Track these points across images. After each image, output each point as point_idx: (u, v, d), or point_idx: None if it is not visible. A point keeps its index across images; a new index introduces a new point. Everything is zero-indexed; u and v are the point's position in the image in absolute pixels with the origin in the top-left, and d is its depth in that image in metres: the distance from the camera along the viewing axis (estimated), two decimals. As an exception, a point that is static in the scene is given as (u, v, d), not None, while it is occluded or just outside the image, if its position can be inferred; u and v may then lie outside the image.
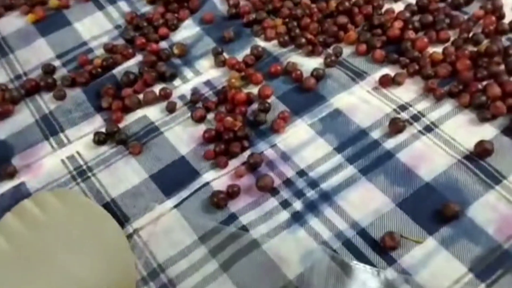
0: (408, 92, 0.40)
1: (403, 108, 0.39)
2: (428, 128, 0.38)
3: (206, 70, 0.45)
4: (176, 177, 0.37)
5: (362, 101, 0.40)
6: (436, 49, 0.43)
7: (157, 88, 0.43)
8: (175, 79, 0.44)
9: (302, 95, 0.41)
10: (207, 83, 0.44)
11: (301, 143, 0.38)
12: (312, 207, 0.34)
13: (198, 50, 0.46)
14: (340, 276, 0.30)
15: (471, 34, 0.44)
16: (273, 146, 0.38)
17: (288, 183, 0.36)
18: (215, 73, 0.44)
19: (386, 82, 0.41)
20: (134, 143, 0.39)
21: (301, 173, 0.36)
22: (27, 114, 0.43)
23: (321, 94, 0.41)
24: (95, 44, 0.49)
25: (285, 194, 0.35)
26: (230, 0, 0.50)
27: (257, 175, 0.36)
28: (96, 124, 0.42)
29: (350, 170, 0.36)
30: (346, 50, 0.44)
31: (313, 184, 0.36)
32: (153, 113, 0.42)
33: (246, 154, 0.38)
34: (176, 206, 0.35)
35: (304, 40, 0.45)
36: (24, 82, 0.45)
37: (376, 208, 0.34)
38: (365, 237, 0.33)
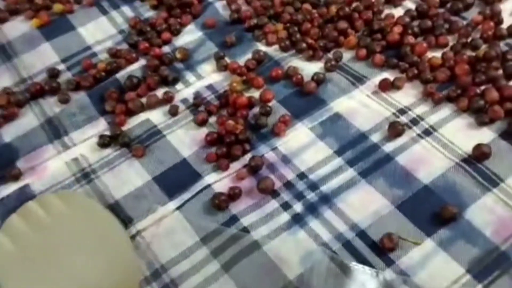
0: (407, 96, 0.41)
1: (402, 112, 0.40)
2: (427, 132, 0.38)
3: (208, 74, 0.45)
4: (178, 179, 0.38)
5: (362, 105, 0.41)
6: (435, 54, 0.43)
7: (160, 92, 0.44)
8: (177, 83, 0.45)
9: (302, 99, 0.42)
10: (209, 87, 0.44)
11: (301, 146, 0.39)
12: (312, 209, 0.35)
13: (200, 55, 0.47)
14: (339, 277, 0.31)
15: (469, 39, 0.44)
16: (274, 149, 0.39)
17: (288, 185, 0.36)
18: (217, 77, 0.45)
19: (385, 86, 0.41)
20: (137, 146, 0.40)
21: (301, 175, 0.37)
22: (32, 117, 0.44)
23: (321, 98, 0.42)
24: (99, 48, 0.49)
25: (286, 196, 0.36)
26: (232, 6, 0.51)
27: (258, 178, 0.37)
28: (100, 127, 0.42)
29: (350, 173, 0.37)
30: (346, 55, 0.45)
31: (313, 186, 0.36)
32: (156, 117, 0.42)
33: (248, 157, 0.38)
34: (178, 208, 0.36)
35: (304, 45, 0.45)
36: (29, 85, 0.46)
37: (376, 210, 0.34)
38: (364, 238, 0.33)
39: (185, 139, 0.40)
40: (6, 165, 0.40)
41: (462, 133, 0.38)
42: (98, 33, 0.51)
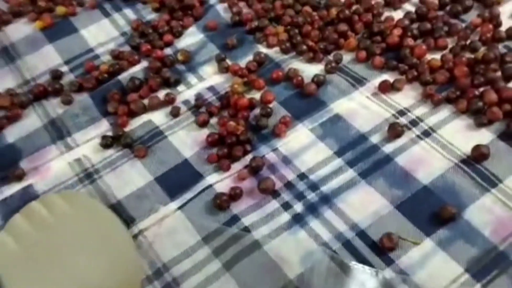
0: (406, 98, 0.41)
1: (402, 113, 0.40)
2: (426, 133, 0.39)
3: (209, 76, 0.46)
4: (180, 179, 0.38)
5: (362, 107, 0.41)
6: (434, 56, 0.44)
7: (161, 93, 0.44)
8: (179, 85, 0.45)
9: (303, 101, 0.42)
10: (211, 88, 0.45)
11: (302, 147, 0.39)
12: (312, 209, 0.35)
13: (201, 57, 0.48)
14: (339, 276, 0.31)
15: (468, 41, 0.44)
16: (274, 150, 0.39)
17: (289, 185, 0.37)
18: (218, 79, 0.45)
19: (385, 88, 0.42)
20: (139, 146, 0.40)
21: (302, 176, 0.37)
22: (35, 118, 0.44)
23: (321, 100, 0.42)
24: (101, 50, 0.50)
25: (286, 196, 0.36)
26: (233, 8, 0.51)
27: (259, 178, 0.37)
28: (102, 128, 0.43)
29: (350, 174, 0.37)
30: (346, 57, 0.45)
31: (314, 187, 0.37)
32: (157, 118, 0.43)
33: (248, 157, 0.39)
34: (180, 207, 0.36)
35: (305, 47, 0.46)
36: (32, 87, 0.46)
37: (375, 210, 0.35)
38: (364, 238, 0.33)
39: (186, 140, 0.41)
40: (9, 165, 0.40)
41: (461, 134, 0.38)
42: (100, 35, 0.51)
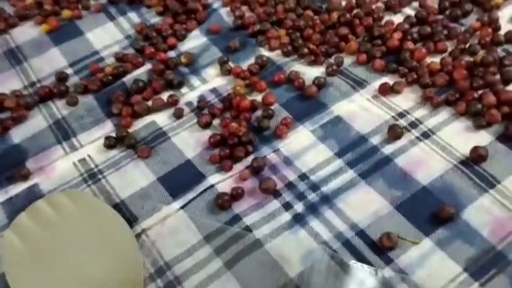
0: (406, 100, 0.42)
1: (402, 115, 0.41)
2: (426, 135, 0.39)
3: (212, 78, 0.47)
4: (182, 179, 0.39)
5: (362, 109, 0.42)
6: (434, 59, 0.44)
7: (165, 95, 0.45)
8: (182, 87, 0.46)
9: (304, 103, 0.43)
10: (213, 90, 0.45)
11: (303, 148, 0.40)
12: (313, 209, 0.36)
13: (204, 59, 0.48)
14: (339, 275, 0.32)
15: (468, 45, 0.45)
16: (276, 150, 0.40)
17: (290, 186, 0.37)
18: (221, 81, 0.46)
19: (385, 90, 0.42)
20: (142, 147, 0.41)
21: (302, 176, 0.38)
22: (40, 119, 0.45)
23: (322, 102, 0.43)
24: (106, 53, 0.50)
25: (287, 196, 0.37)
26: (236, 12, 0.52)
27: (261, 178, 0.38)
28: (106, 129, 0.43)
29: (350, 174, 0.37)
30: (347, 60, 0.46)
31: (314, 187, 0.37)
32: (161, 119, 0.43)
33: (250, 158, 0.39)
34: (183, 207, 0.37)
35: (306, 50, 0.47)
36: (38, 89, 0.47)
37: (375, 210, 0.35)
38: (364, 238, 0.34)
39: (189, 141, 0.41)
40: (15, 165, 0.41)
41: (460, 136, 0.39)
42: (105, 38, 0.52)
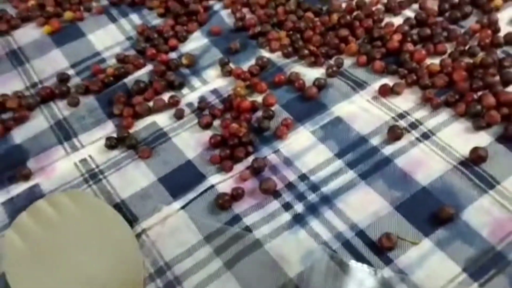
0: (406, 101, 0.42)
1: (402, 116, 0.41)
2: (425, 136, 0.39)
3: (213, 79, 0.47)
4: (183, 180, 0.39)
5: (362, 110, 0.42)
6: (433, 61, 0.44)
7: (166, 96, 0.45)
8: (183, 88, 0.46)
9: (304, 104, 0.43)
10: (214, 91, 0.45)
11: (303, 149, 0.40)
12: (313, 209, 0.36)
13: (205, 61, 0.48)
14: (338, 275, 0.32)
15: (467, 46, 0.45)
16: (276, 151, 0.40)
17: (290, 186, 0.38)
18: (221, 82, 0.46)
19: (385, 91, 0.43)
20: (143, 147, 0.41)
21: (302, 177, 0.38)
22: (42, 120, 0.45)
23: (322, 103, 0.43)
24: (107, 54, 0.51)
25: (287, 197, 0.37)
26: (236, 14, 0.52)
27: (261, 179, 0.38)
28: (107, 129, 0.44)
29: (350, 175, 0.38)
30: (347, 61, 0.46)
31: (314, 187, 0.37)
32: (162, 120, 0.44)
33: (250, 158, 0.39)
34: (183, 207, 0.37)
35: (307, 51, 0.47)
36: (40, 89, 0.47)
37: (375, 211, 0.35)
38: (363, 238, 0.34)
39: (190, 142, 0.42)
40: (17, 165, 0.41)
41: (460, 137, 0.39)
42: (107, 39, 0.52)
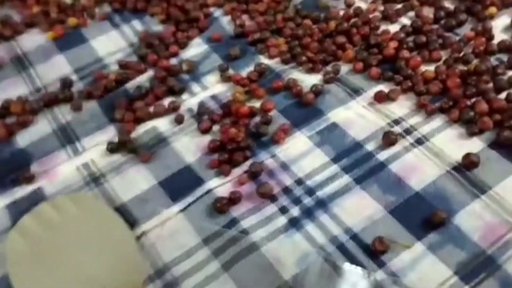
0: (401, 107, 0.43)
1: (397, 122, 0.42)
2: (419, 141, 0.40)
3: (212, 85, 0.48)
4: (182, 184, 0.40)
5: (358, 116, 0.43)
6: (428, 68, 0.45)
7: (166, 101, 0.46)
8: (183, 93, 0.47)
9: (301, 109, 0.44)
10: (213, 97, 0.46)
11: (299, 154, 0.41)
12: (308, 213, 0.37)
13: (205, 67, 0.49)
14: (332, 277, 0.32)
15: (461, 54, 0.46)
16: (273, 156, 0.41)
17: (286, 190, 0.38)
18: (221, 88, 0.47)
19: (381, 98, 0.43)
20: (144, 152, 0.42)
21: (299, 181, 0.39)
22: (45, 124, 0.46)
23: (319, 109, 0.44)
24: (110, 60, 0.52)
25: (284, 200, 0.38)
26: (236, 21, 0.53)
27: (258, 183, 0.39)
28: (109, 134, 0.44)
29: (345, 179, 0.38)
30: (344, 68, 0.47)
31: (310, 191, 0.38)
32: (162, 125, 0.45)
33: (248, 163, 0.40)
34: (182, 210, 0.38)
35: (304, 58, 0.48)
36: (43, 94, 0.48)
37: (369, 215, 0.36)
38: (357, 241, 0.35)
39: (189, 146, 0.42)
40: (20, 169, 0.42)
41: (453, 143, 0.40)
42: (109, 45, 0.53)
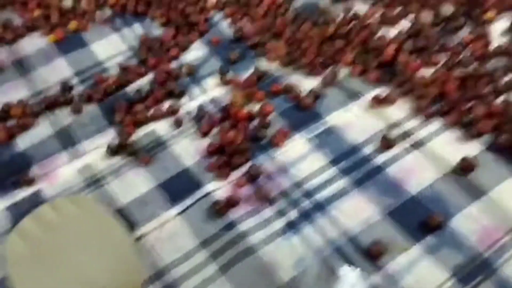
0: (399, 111, 0.43)
1: (394, 125, 0.42)
2: (417, 145, 0.40)
3: (212, 88, 0.48)
4: (181, 186, 0.40)
5: (356, 119, 0.43)
6: (426, 71, 0.45)
7: (166, 104, 0.47)
8: (183, 96, 0.48)
9: (300, 113, 0.44)
10: (213, 100, 0.47)
11: (298, 157, 0.41)
12: (306, 216, 0.37)
13: (205, 70, 0.50)
14: (329, 280, 0.33)
15: (460, 57, 0.46)
16: (272, 159, 0.41)
17: (284, 193, 0.39)
18: (220, 91, 0.47)
19: (379, 101, 0.44)
20: (143, 154, 0.42)
21: (297, 184, 0.39)
22: (46, 127, 0.46)
23: (318, 112, 0.44)
24: (110, 63, 0.52)
25: (282, 203, 0.38)
26: (236, 24, 0.54)
27: (256, 186, 0.39)
28: (109, 137, 0.45)
29: (343, 182, 0.39)
30: (343, 71, 0.47)
31: (308, 194, 0.38)
32: (162, 127, 0.45)
33: (247, 166, 0.40)
34: (181, 213, 0.38)
35: (303, 61, 0.48)
36: (44, 97, 0.48)
37: (366, 218, 0.36)
38: (355, 244, 0.35)
39: (188, 149, 0.43)
40: (21, 171, 0.42)
41: (451, 146, 0.40)
42: (110, 49, 0.53)
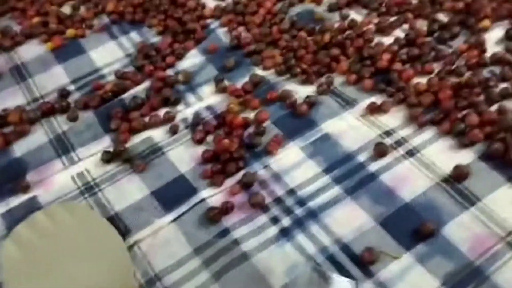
0: (393, 119, 0.43)
1: (388, 134, 0.42)
2: (410, 153, 0.40)
3: (208, 96, 0.48)
4: (175, 193, 0.40)
5: (351, 127, 0.43)
6: (421, 80, 0.46)
7: (162, 111, 0.47)
8: (179, 104, 0.48)
9: (295, 120, 0.44)
10: (208, 107, 0.47)
11: (292, 165, 0.41)
12: (299, 223, 0.37)
13: (201, 78, 0.50)
14: (320, 287, 0.33)
15: (454, 66, 0.46)
16: (266, 166, 0.41)
17: (278, 201, 0.39)
18: (216, 98, 0.48)
19: (373, 109, 0.44)
20: (138, 161, 0.43)
21: (291, 192, 0.39)
22: (42, 134, 0.47)
23: (313, 120, 0.44)
24: (107, 70, 0.52)
25: (275, 211, 0.38)
26: (232, 32, 0.54)
27: (250, 193, 0.39)
28: (104, 144, 0.45)
29: (336, 190, 0.39)
30: (338, 79, 0.48)
31: (302, 202, 0.38)
32: (157, 135, 0.45)
33: (241, 173, 0.40)
34: (174, 220, 0.38)
35: (299, 69, 0.48)
36: (41, 104, 0.49)
37: (359, 226, 0.36)
38: (347, 252, 0.35)
39: (183, 156, 0.43)
40: (16, 177, 0.43)
41: (444, 155, 0.40)
42: (107, 56, 0.54)
